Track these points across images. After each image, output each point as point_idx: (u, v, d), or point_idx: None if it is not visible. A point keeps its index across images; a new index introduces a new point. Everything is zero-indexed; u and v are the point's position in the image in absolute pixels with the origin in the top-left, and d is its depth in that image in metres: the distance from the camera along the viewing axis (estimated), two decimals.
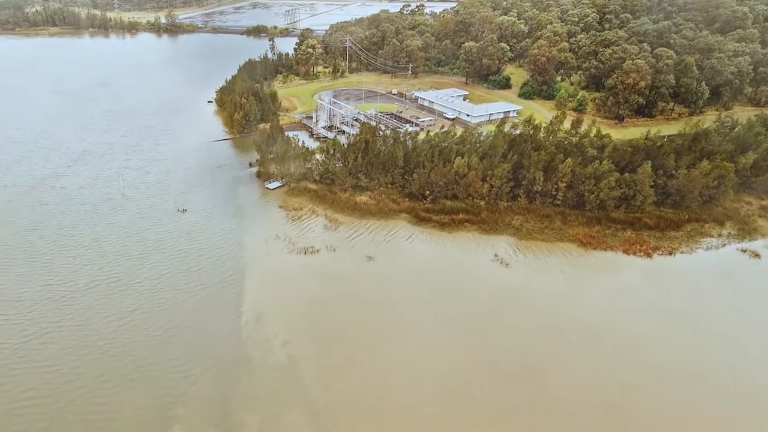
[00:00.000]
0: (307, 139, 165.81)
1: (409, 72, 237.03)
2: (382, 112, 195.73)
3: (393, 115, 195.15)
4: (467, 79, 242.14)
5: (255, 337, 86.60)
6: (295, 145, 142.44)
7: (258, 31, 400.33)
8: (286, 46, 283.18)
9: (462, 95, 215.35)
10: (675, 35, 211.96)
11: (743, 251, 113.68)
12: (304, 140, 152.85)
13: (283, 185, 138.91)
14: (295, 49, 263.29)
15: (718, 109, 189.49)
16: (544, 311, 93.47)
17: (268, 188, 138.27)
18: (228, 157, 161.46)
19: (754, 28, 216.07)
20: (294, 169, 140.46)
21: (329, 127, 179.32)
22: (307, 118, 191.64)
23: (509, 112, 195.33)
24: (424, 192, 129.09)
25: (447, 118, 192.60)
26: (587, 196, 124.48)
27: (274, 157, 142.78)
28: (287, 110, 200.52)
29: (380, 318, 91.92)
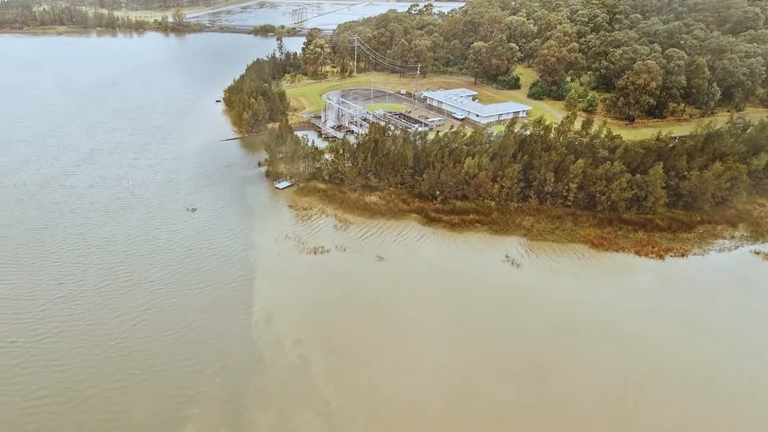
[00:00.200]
0: (316, 139, 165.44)
1: (418, 72, 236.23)
2: (391, 112, 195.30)
3: (402, 115, 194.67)
4: (476, 80, 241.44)
5: (266, 337, 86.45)
6: (304, 145, 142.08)
7: (265, 31, 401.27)
8: (294, 46, 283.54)
9: (471, 95, 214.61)
10: (686, 36, 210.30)
11: (756, 253, 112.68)
12: (313, 140, 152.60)
13: (292, 185, 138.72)
14: (303, 49, 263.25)
15: (730, 111, 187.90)
16: (556, 312, 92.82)
17: (277, 188, 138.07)
18: (236, 157, 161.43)
19: (766, 29, 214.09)
20: (303, 169, 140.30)
21: (338, 127, 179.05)
22: (316, 117, 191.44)
23: (519, 112, 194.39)
24: (434, 192, 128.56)
25: (456, 119, 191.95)
26: (598, 197, 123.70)
27: (283, 156, 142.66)
28: (295, 110, 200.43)
29: (391, 318, 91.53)
